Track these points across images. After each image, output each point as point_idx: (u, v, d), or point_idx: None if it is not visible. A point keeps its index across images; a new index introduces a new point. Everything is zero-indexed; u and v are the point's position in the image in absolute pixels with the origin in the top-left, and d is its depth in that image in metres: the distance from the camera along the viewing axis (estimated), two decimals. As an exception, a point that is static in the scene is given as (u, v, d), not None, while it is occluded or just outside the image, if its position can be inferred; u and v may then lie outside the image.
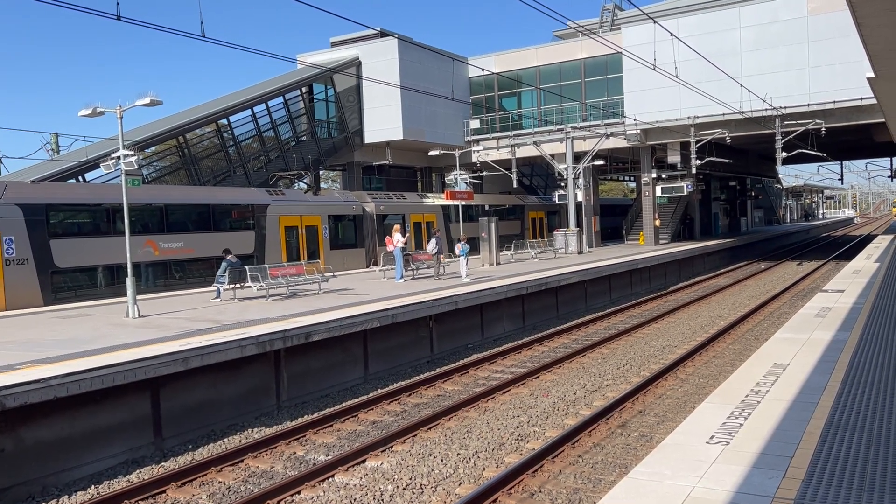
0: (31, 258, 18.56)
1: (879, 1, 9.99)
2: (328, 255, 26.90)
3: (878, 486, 5.03)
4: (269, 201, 25.51)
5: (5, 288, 18.02)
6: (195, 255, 22.44)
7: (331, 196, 29.88)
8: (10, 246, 18.07)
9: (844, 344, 9.93)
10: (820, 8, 30.49)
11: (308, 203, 27.39)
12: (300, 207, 26.84)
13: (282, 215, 25.82)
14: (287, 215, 26.08)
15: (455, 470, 9.43)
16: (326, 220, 27.76)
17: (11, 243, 18.11)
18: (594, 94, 37.36)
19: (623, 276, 27.72)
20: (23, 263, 18.32)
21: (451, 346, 17.90)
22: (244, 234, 24.41)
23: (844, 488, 5.01)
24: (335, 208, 28.64)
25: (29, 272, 18.48)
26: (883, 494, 4.88)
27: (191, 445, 11.19)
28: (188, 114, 31.17)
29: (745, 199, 59.58)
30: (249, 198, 25.08)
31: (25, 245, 18.43)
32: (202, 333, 12.73)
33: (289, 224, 26.04)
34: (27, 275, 18.42)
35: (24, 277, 18.31)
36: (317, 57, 37.06)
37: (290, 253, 25.97)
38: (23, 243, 18.34)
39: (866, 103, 28.76)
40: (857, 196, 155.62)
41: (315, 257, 26.16)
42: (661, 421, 11.13)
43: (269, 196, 25.98)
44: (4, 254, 17.97)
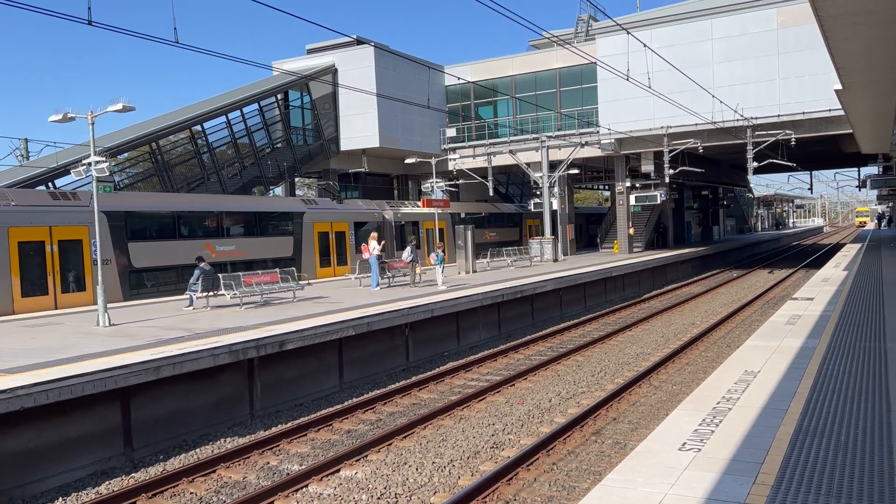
0: (113, 259, 20.94)
1: (846, 15, 10.24)
2: (354, 258, 28.32)
3: (845, 491, 5.11)
4: (304, 209, 27.96)
5: (94, 285, 19.54)
6: (244, 257, 24.69)
7: (356, 205, 32.05)
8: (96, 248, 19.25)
9: (813, 351, 10.09)
10: (789, 21, 31.10)
11: (337, 211, 29.80)
12: (331, 215, 29.24)
13: (315, 222, 28.21)
14: (320, 222, 28.46)
15: (430, 479, 9.40)
16: (352, 227, 30.01)
17: (94, 245, 19.49)
18: (569, 104, 37.68)
19: (597, 283, 27.92)
20: (107, 263, 20.53)
21: (427, 354, 17.88)
22: (284, 239, 26.88)
23: (813, 493, 5.09)
24: (360, 216, 30.92)
25: (112, 271, 20.73)
26: (851, 499, 4.96)
27: (162, 456, 11.03)
28: (161, 120, 30.86)
29: (717, 208, 60.39)
30: (289, 206, 27.71)
31: (109, 247, 20.78)
32: (174, 342, 12.58)
33: (321, 230, 28.42)
34: (111, 274, 20.60)
35: (109, 276, 20.23)
36: (293, 64, 36.92)
37: (322, 256, 28.27)
38: (107, 245, 20.53)
39: (834, 115, 29.35)
40: (827, 205, 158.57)
41: (343, 261, 28.78)
42: (635, 428, 11.21)
43: (305, 204, 28.59)
44: (92, 255, 20.15)
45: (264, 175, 33.05)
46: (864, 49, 12.41)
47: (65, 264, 20.02)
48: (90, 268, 20.36)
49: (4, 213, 18.62)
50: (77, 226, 20.14)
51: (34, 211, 19.47)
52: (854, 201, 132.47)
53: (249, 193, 31.36)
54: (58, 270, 19.84)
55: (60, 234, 19.81)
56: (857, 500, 4.95)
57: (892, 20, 10.21)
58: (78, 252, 20.43)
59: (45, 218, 19.56)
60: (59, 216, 19.93)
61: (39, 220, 19.42)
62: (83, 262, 20.55)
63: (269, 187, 34.26)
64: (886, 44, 11.70)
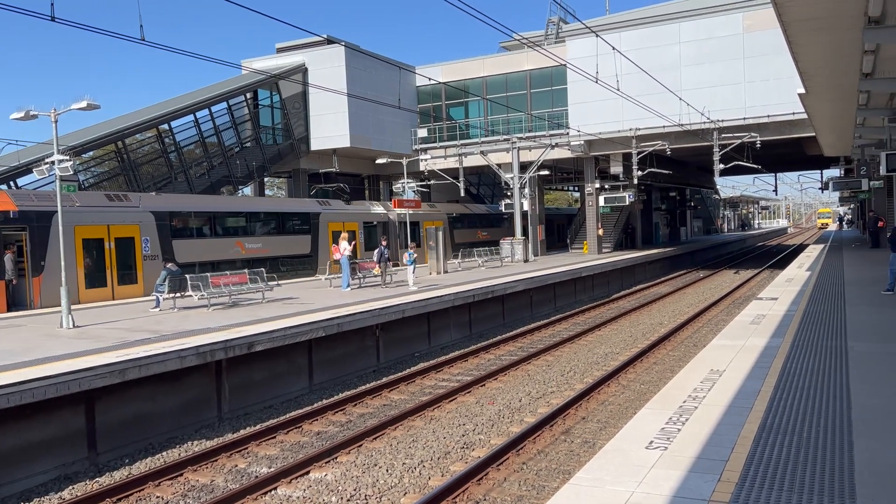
0: (160, 255, 22.77)
1: (808, 21, 10.45)
2: (364, 255, 30.29)
3: (807, 487, 5.22)
4: (320, 210, 30.27)
5: (144, 278, 22.29)
6: (269, 254, 26.87)
7: (363, 206, 34.26)
8: (146, 245, 22.63)
9: (777, 350, 10.28)
10: (755, 26, 31.65)
11: (348, 212, 32.12)
12: (343, 216, 31.56)
13: (330, 222, 30.55)
14: (333, 222, 30.76)
15: (400, 480, 9.39)
16: (362, 227, 32.29)
17: (147, 243, 22.63)
18: (539, 105, 37.92)
19: (567, 284, 28.13)
20: (155, 259, 22.62)
21: (398, 354, 17.85)
22: (303, 238, 29.24)
23: (776, 490, 5.18)
24: (368, 216, 33.26)
25: (158, 266, 21.84)
26: (812, 495, 5.07)
27: (127, 460, 10.86)
28: (128, 118, 30.37)
29: (684, 210, 61.24)
30: (307, 208, 29.90)
31: (156, 244, 22.89)
32: (140, 344, 12.39)
33: (335, 229, 30.18)
34: (157, 268, 21.81)
35: (156, 270, 21.68)
36: (262, 63, 36.59)
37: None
38: (154, 243, 22.81)
39: (798, 118, 29.94)
40: (791, 207, 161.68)
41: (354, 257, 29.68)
42: (604, 427, 11.32)
43: (320, 206, 30.77)
44: (144, 251, 22.47)
45: (233, 175, 32.72)
46: (825, 54, 12.68)
47: (120, 259, 21.99)
48: (141, 262, 22.50)
49: (70, 213, 19.55)
50: (129, 224, 22.20)
51: (95, 211, 21.44)
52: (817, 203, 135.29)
53: (217, 193, 31.05)
54: (115, 264, 21.80)
55: (116, 231, 21.86)
56: (819, 495, 5.06)
57: (851, 26, 10.45)
58: (131, 248, 22.38)
59: (103, 217, 21.57)
60: (114, 215, 21.88)
61: (99, 220, 21.45)
62: (135, 257, 22.52)
63: (238, 187, 33.92)
64: (847, 49, 11.98)
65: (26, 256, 19.71)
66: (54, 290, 18.53)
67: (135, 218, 22.37)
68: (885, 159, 16.45)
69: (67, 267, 15.42)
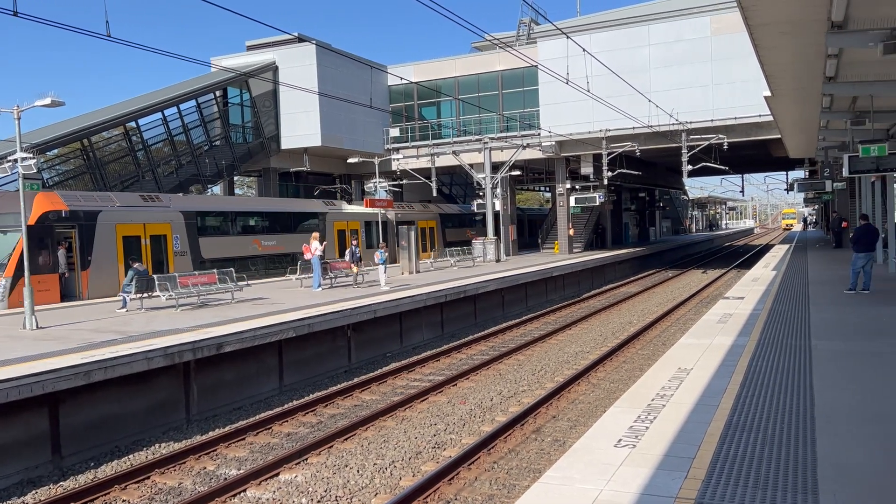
0: (188, 251, 24.73)
1: (773, 25, 10.64)
2: (365, 252, 31.40)
3: (771, 483, 5.32)
4: (327, 210, 32.29)
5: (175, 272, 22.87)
6: (283, 250, 28.90)
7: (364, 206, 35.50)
8: (177, 242, 24.35)
9: (743, 349, 10.45)
10: (722, 29, 32.12)
11: (351, 212, 33.84)
12: (346, 215, 33.41)
13: (335, 221, 32.58)
14: (338, 221, 32.77)
15: (371, 480, 9.36)
16: (363, 225, 34.12)
17: (178, 240, 24.36)
18: (511, 106, 38.07)
19: (539, 283, 28.29)
20: (184, 255, 24.49)
21: (370, 355, 17.79)
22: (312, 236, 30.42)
23: (741, 486, 5.27)
24: (368, 216, 34.56)
25: (187, 261, 24.48)
26: (776, 491, 5.16)
27: (93, 463, 10.67)
28: (94, 115, 29.84)
29: (653, 210, 61.95)
30: (315, 208, 32.06)
31: (185, 241, 24.67)
32: (106, 345, 12.18)
33: (340, 228, 32.72)
34: (186, 263, 24.32)
35: (185, 265, 24.14)
36: (232, 60, 36.20)
37: (340, 251, 31.83)
38: (183, 240, 24.56)
39: (764, 120, 30.46)
40: (757, 207, 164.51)
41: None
42: (574, 425, 11.40)
43: (326, 206, 32.75)
44: (174, 247, 24.17)
45: (202, 173, 32.34)
46: (790, 58, 12.91)
47: (154, 254, 23.53)
48: (172, 258, 24.20)
49: (111, 212, 22.09)
50: (162, 223, 23.90)
51: (132, 210, 23.10)
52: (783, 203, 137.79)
53: (186, 192, 30.70)
54: (150, 259, 23.16)
55: (151, 229, 23.52)
56: (783, 491, 5.15)
57: (815, 31, 10.66)
58: (163, 244, 24.04)
59: (140, 216, 23.23)
60: (149, 214, 23.56)
61: (137, 218, 23.11)
62: (167, 252, 24.15)
63: (207, 186, 33.54)
64: (811, 53, 12.20)
65: (75, 252, 21.26)
66: (101, 282, 21.40)
67: (166, 217, 24.15)
68: (848, 161, 16.78)
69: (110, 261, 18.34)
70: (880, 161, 16.22)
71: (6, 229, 20.00)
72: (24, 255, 15.09)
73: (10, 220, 19.67)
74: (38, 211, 20.35)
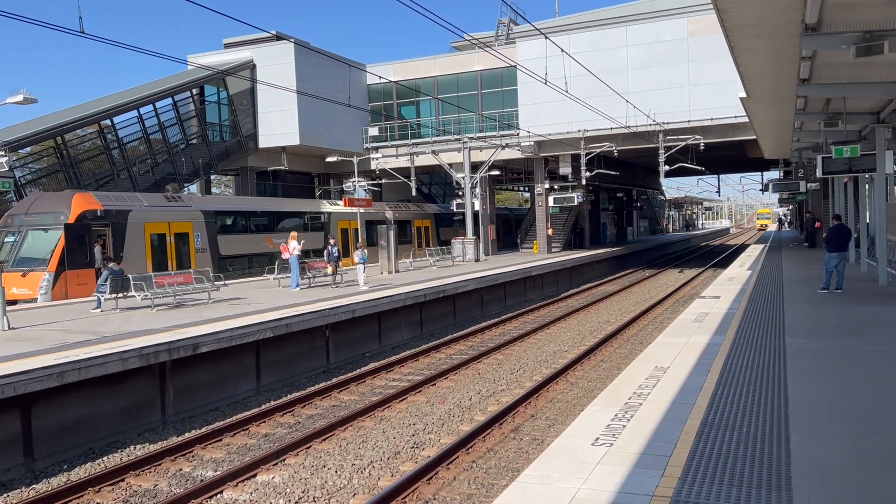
0: (208, 248, 26.31)
1: (748, 27, 10.76)
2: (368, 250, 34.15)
3: (746, 480, 5.37)
4: (331, 210, 33.79)
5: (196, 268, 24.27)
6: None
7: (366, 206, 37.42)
8: (198, 239, 25.90)
9: (719, 347, 10.56)
10: (699, 30, 32.43)
11: (353, 211, 34.41)
12: (349, 215, 34.63)
13: (339, 220, 34.11)
14: (342, 220, 34.37)
15: (349, 481, 9.32)
16: (364, 225, 34.84)
17: (199, 237, 25.88)
18: (490, 106, 38.13)
19: (517, 283, 28.37)
20: (204, 251, 26.08)
21: (349, 355, 17.72)
22: (318, 234, 32.39)
23: (717, 484, 5.32)
24: (370, 215, 35.88)
25: (207, 257, 25.98)
26: (750, 489, 5.22)
27: (66, 465, 10.51)
28: (68, 113, 29.40)
29: (631, 210, 62.40)
30: (321, 208, 33.69)
31: (205, 239, 26.22)
32: (80, 346, 12.01)
33: (343, 227, 34.48)
34: (206, 259, 25.88)
35: (205, 261, 25.68)
36: (209, 58, 35.86)
37: (344, 248, 33.23)
38: (204, 238, 26.12)
39: (740, 121, 30.81)
40: (733, 207, 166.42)
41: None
42: (552, 424, 11.45)
43: (331, 206, 34.40)
44: (196, 245, 25.72)
45: (178, 172, 32.01)
46: (765, 59, 13.07)
47: (178, 251, 25.10)
48: (194, 254, 25.70)
49: (140, 212, 23.73)
50: (185, 221, 25.40)
51: (158, 210, 24.61)
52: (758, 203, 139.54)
53: (162, 191, 30.41)
54: (174, 255, 24.85)
55: (175, 228, 25.03)
56: (757, 488, 5.21)
57: (789, 33, 10.80)
58: (186, 241, 25.50)
59: (165, 215, 24.75)
60: (173, 214, 25.11)
61: (162, 217, 24.63)
62: (190, 249, 25.64)
63: (183, 185, 33.22)
64: (785, 55, 12.37)
65: (109, 248, 22.75)
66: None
67: (188, 216, 25.68)
68: (821, 162, 17.04)
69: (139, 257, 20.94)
70: (853, 162, 16.49)
71: (47, 227, 21.39)
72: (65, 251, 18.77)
73: (49, 219, 21.54)
74: (77, 210, 21.74)
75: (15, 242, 21.50)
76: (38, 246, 21.28)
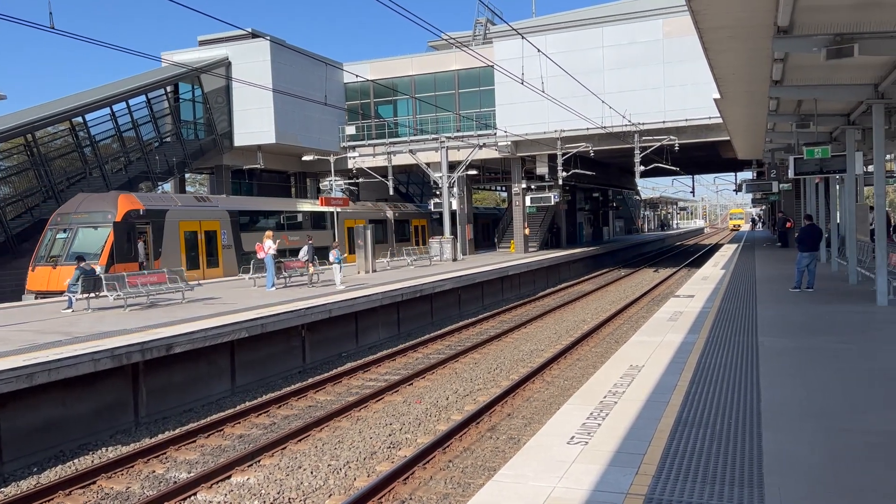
0: (233, 245, 28.44)
1: (722, 29, 10.88)
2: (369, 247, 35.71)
3: (719, 477, 5.43)
4: (339, 210, 34.70)
5: (223, 263, 27.93)
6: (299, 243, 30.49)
7: (367, 206, 39.43)
8: (225, 236, 28.02)
9: (693, 346, 10.67)
10: (674, 32, 32.74)
11: (358, 211, 37.43)
12: (354, 214, 36.58)
13: (346, 219, 35.65)
14: (348, 219, 35.86)
15: (325, 482, 9.27)
16: (368, 223, 35.95)
17: (225, 235, 28.01)
18: (468, 106, 38.16)
19: (495, 282, 28.42)
20: (230, 247, 28.26)
21: (325, 355, 17.63)
22: (327, 232, 34.22)
23: (690, 481, 5.37)
24: (373, 214, 38.42)
25: (232, 254, 28.25)
26: (723, 485, 5.28)
27: (36, 468, 10.33)
28: (38, 110, 28.90)
29: (607, 210, 62.79)
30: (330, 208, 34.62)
31: (231, 236, 28.35)
32: (50, 347, 11.80)
33: (349, 225, 35.67)
34: (232, 255, 28.22)
35: (231, 257, 28.13)
36: (183, 55, 35.47)
37: (350, 245, 34.53)
38: (229, 235, 28.27)
39: (714, 122, 31.17)
40: (707, 207, 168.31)
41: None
42: (528, 423, 11.48)
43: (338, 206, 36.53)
44: (223, 242, 27.85)
45: (152, 170, 31.62)
46: (739, 61, 13.23)
47: (208, 247, 27.13)
48: (221, 250, 27.63)
49: (176, 211, 25.91)
50: (213, 220, 27.58)
51: (191, 209, 26.89)
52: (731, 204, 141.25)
53: (136, 190, 30.08)
54: (204, 251, 26.96)
55: (205, 226, 27.11)
56: (730, 485, 5.27)
57: (762, 35, 10.94)
58: (214, 239, 27.40)
59: (197, 214, 26.98)
60: (203, 213, 27.27)
61: (195, 216, 26.81)
62: (217, 246, 27.55)
63: (157, 183, 32.84)
64: (758, 56, 12.52)
65: (149, 244, 24.80)
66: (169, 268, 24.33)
67: (216, 215, 27.76)
68: (793, 163, 17.28)
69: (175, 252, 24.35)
70: (824, 163, 16.74)
71: (97, 225, 23.44)
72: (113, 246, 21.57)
73: (98, 218, 23.54)
74: (123, 210, 23.78)
75: (67, 238, 23.24)
76: (89, 242, 23.17)
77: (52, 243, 23.34)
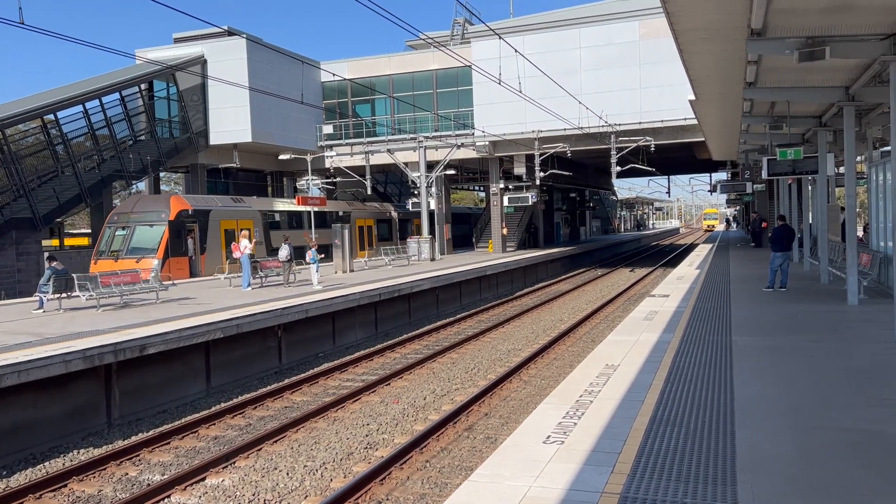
0: (263, 242, 30.45)
1: (697, 30, 10.99)
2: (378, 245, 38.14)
3: (692, 475, 5.48)
4: (351, 209, 37.71)
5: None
6: (326, 242, 32.00)
7: (373, 206, 41.58)
8: (257, 234, 29.70)
9: (668, 345, 10.76)
10: (650, 34, 33.00)
11: (367, 210, 39.61)
12: (364, 213, 38.89)
13: (357, 218, 37.73)
14: (359, 218, 38.04)
15: (301, 483, 9.21)
16: (375, 222, 39.65)
17: (258, 232, 29.84)
18: (446, 105, 38.16)
19: (472, 282, 28.45)
20: (260, 244, 29.81)
21: (302, 355, 17.52)
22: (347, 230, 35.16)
23: (664, 480, 5.41)
24: (380, 214, 40.89)
25: (262, 250, 29.65)
26: (697, 483, 5.32)
27: (5, 472, 10.14)
28: (9, 107, 28.41)
29: (584, 210, 63.16)
30: (343, 208, 37.39)
31: (262, 233, 30.51)
32: (20, 348, 11.59)
33: (360, 224, 38.08)
34: (262, 252, 29.31)
35: (261, 253, 28.88)
36: (158, 53, 35.04)
37: (360, 243, 37.26)
38: (261, 233, 30.45)
39: (689, 123, 31.48)
40: (683, 208, 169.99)
41: (370, 246, 38.64)
42: (506, 422, 11.50)
43: (350, 206, 38.32)
44: (255, 238, 28.40)
45: (125, 169, 31.21)
46: (713, 63, 13.38)
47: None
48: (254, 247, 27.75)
49: (217, 211, 28.56)
50: (247, 219, 29.90)
51: (230, 209, 29.41)
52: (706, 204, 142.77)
53: (109, 188, 29.74)
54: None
55: (241, 224, 29.14)
56: (703, 483, 5.32)
57: (736, 37, 11.07)
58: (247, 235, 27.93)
59: (234, 214, 29.47)
60: (240, 213, 29.78)
61: (233, 216, 29.30)
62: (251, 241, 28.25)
63: (131, 182, 32.45)
64: (732, 58, 12.67)
65: (196, 241, 27.22)
66: (212, 263, 27.40)
67: (250, 215, 30.25)
68: (767, 164, 17.51)
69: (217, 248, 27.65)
70: (796, 164, 16.99)
71: (153, 223, 25.83)
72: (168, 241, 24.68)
73: (153, 217, 25.97)
74: (175, 209, 26.26)
75: (126, 235, 25.73)
76: (147, 238, 25.69)
77: (112, 239, 25.89)
